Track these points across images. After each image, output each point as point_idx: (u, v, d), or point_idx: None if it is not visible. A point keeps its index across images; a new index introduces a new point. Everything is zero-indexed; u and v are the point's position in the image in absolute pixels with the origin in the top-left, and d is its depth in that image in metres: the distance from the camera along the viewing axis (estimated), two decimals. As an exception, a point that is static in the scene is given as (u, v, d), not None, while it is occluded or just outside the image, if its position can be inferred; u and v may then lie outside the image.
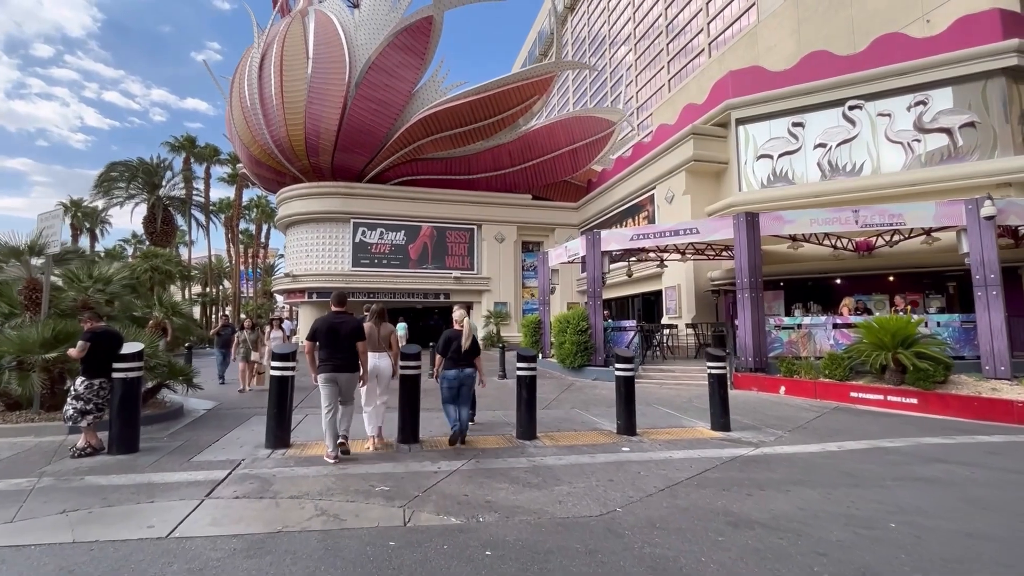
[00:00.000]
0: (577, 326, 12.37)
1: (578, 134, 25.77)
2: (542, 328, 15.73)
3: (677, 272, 16.60)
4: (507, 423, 7.32)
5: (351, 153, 22.87)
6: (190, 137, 34.18)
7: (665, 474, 4.88)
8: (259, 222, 47.12)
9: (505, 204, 24.98)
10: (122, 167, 26.03)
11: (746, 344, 10.75)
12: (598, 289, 12.69)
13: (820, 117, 14.82)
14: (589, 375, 12.22)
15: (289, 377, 5.64)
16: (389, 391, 5.98)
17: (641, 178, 19.79)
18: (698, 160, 16.36)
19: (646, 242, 12.16)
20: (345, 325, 5.19)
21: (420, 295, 23.99)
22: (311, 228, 23.64)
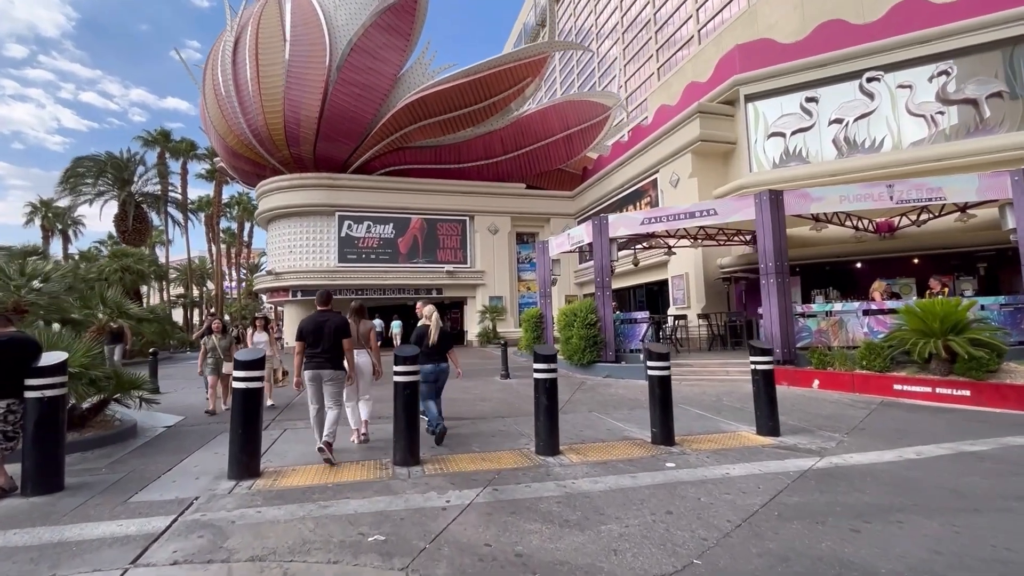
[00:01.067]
0: (585, 319, 11.36)
1: (572, 119, 24.72)
2: (544, 322, 14.71)
3: (685, 260, 15.68)
4: (520, 433, 6.29)
5: (334, 142, 21.59)
6: (164, 131, 32.51)
7: (732, 500, 3.89)
8: (241, 220, 45.48)
9: (498, 194, 23.88)
10: (89, 162, 24.43)
11: (772, 334, 9.83)
12: (606, 279, 11.69)
13: (835, 91, 13.93)
14: (599, 372, 11.23)
15: (256, 390, 4.56)
16: (370, 389, 6.04)
17: (642, 162, 18.81)
18: (705, 140, 15.40)
19: (658, 226, 11.17)
20: (329, 322, 5.21)
21: (411, 291, 22.85)
22: (294, 223, 22.35)
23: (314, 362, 5.13)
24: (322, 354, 5.12)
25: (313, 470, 4.72)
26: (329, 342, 5.13)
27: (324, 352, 5.12)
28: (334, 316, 5.31)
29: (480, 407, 7.97)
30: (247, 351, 4.76)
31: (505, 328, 22.95)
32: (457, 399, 8.70)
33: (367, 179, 22.50)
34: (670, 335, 13.34)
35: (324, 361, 5.14)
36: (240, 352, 4.67)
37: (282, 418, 7.28)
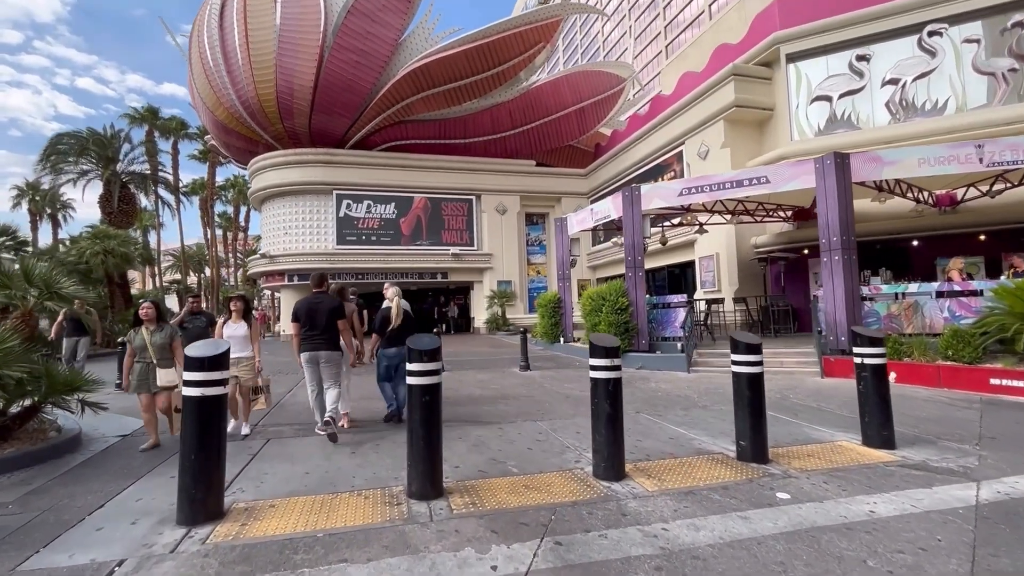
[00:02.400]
0: (615, 304, 10.05)
1: (585, 91, 23.13)
2: (563, 308, 13.41)
3: (716, 239, 14.32)
4: (563, 445, 5.04)
5: (331, 114, 20.07)
6: (152, 108, 30.92)
7: (916, 563, 2.62)
8: (237, 203, 43.98)
9: (506, 171, 22.40)
10: (70, 139, 22.91)
11: (836, 320, 8.52)
12: (639, 258, 10.35)
13: (891, 48, 12.43)
14: (631, 363, 9.96)
15: (216, 397, 3.26)
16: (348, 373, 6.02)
17: (665, 134, 17.34)
18: (740, 106, 13.93)
19: (699, 197, 9.78)
20: (324, 304, 5.25)
21: (415, 275, 21.52)
22: (289, 202, 20.93)
23: (311, 344, 5.16)
24: (318, 336, 5.17)
25: (299, 505, 3.45)
26: (324, 323, 5.18)
27: (320, 334, 5.18)
28: (328, 298, 5.34)
29: (503, 407, 6.70)
30: (203, 344, 3.43)
31: (515, 314, 21.68)
32: (475, 396, 7.44)
33: (367, 155, 21.03)
34: (703, 321, 12.05)
35: (321, 343, 5.18)
36: (192, 346, 3.35)
37: (268, 422, 6.01)
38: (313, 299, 5.30)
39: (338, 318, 5.27)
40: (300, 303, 5.31)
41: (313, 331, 5.16)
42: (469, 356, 12.82)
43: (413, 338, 3.85)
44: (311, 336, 5.17)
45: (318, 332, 5.17)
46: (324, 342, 5.19)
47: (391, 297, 6.06)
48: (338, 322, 5.27)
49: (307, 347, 5.17)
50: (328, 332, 5.21)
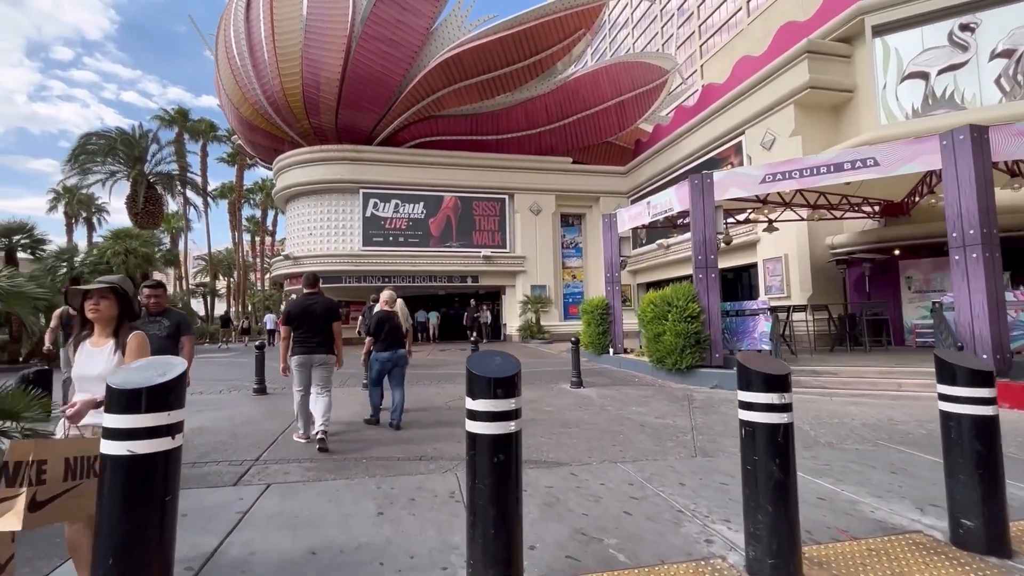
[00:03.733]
0: (684, 310, 8.52)
1: (625, 84, 21.66)
2: (612, 314, 11.92)
3: (784, 239, 12.62)
4: (674, 509, 3.54)
5: (358, 109, 19.13)
6: (182, 110, 30.79)
7: None
8: (265, 206, 43.84)
9: (541, 169, 21.06)
10: (99, 139, 22.65)
11: (975, 333, 6.82)
12: (711, 256, 8.83)
13: (1001, 14, 10.63)
14: (704, 380, 8.41)
15: (156, 457, 1.92)
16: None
17: (720, 125, 15.74)
18: (816, 87, 12.27)
19: (787, 184, 8.20)
20: (318, 306, 5.11)
21: (444, 278, 20.31)
22: (314, 201, 20.04)
23: (305, 347, 5.05)
24: (313, 338, 5.07)
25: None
26: (319, 326, 5.08)
27: (315, 336, 5.07)
28: (323, 300, 5.24)
29: (567, 439, 5.27)
30: (142, 366, 2.08)
31: (549, 321, 20.24)
32: (527, 421, 6.03)
33: (395, 151, 20.01)
34: (781, 332, 10.40)
35: (316, 345, 5.07)
36: (115, 374, 2.00)
37: (272, 456, 4.74)
38: (307, 300, 5.16)
39: (334, 320, 5.20)
40: (293, 305, 5.21)
41: (307, 334, 5.05)
42: (507, 368, 11.44)
43: (479, 358, 2.49)
44: (305, 339, 5.06)
45: (313, 334, 5.06)
46: (319, 345, 5.08)
47: (387, 300, 5.93)
48: (333, 325, 5.18)
49: (300, 350, 5.06)
50: (323, 335, 5.11)
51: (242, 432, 5.59)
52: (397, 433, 5.54)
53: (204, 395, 8.18)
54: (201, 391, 8.57)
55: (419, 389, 8.48)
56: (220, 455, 4.73)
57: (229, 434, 5.47)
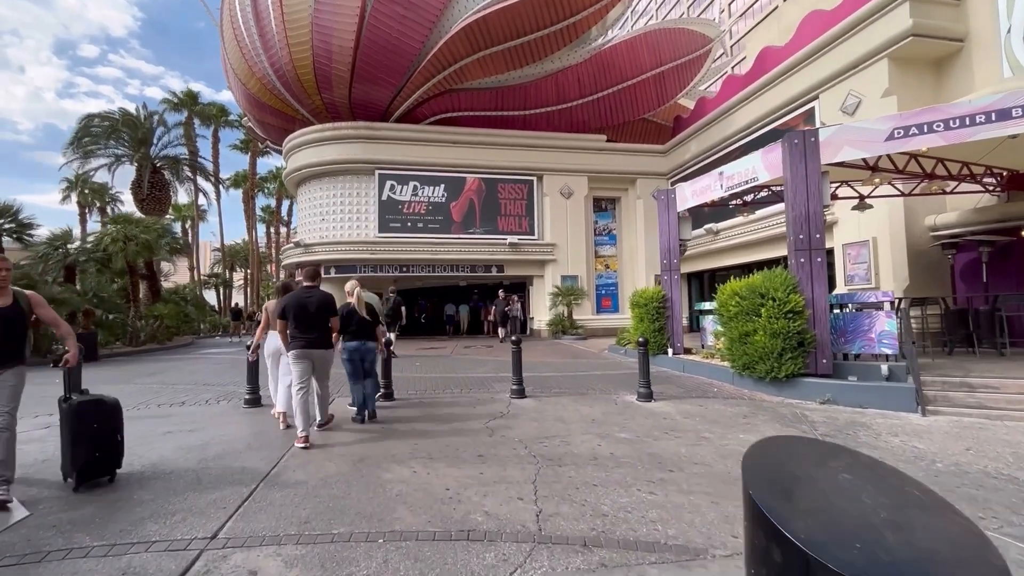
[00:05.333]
0: (784, 303, 6.69)
1: (667, 54, 19.59)
2: (670, 308, 10.12)
3: (871, 218, 10.62)
4: None
5: (373, 82, 17.46)
6: (191, 92, 29.52)
7: None
8: (279, 195, 42.63)
9: (573, 148, 19.17)
10: (102, 120, 21.40)
11: None
12: (817, 236, 6.97)
13: None
14: (809, 393, 6.59)
15: None
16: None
17: (785, 90, 13.69)
18: (920, 35, 10.18)
19: (925, 139, 6.26)
20: (316, 300, 5.05)
21: (466, 267, 18.64)
22: (326, 184, 18.49)
23: (303, 340, 4.94)
24: (310, 333, 4.96)
25: None
26: (316, 321, 5.00)
27: (312, 332, 4.98)
28: (319, 293, 5.13)
29: (675, 494, 3.54)
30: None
31: (582, 315, 18.47)
32: (601, 457, 4.18)
33: (413, 129, 18.32)
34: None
35: (313, 340, 4.98)
36: None
37: (238, 531, 3.08)
38: (304, 294, 5.07)
39: (331, 315, 5.13)
40: (290, 298, 5.06)
41: (303, 327, 4.95)
42: (547, 370, 9.73)
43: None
44: (302, 333, 4.95)
45: (310, 329, 4.98)
46: (316, 340, 5.02)
47: (349, 290, 5.76)
48: (331, 320, 5.13)
49: (297, 344, 4.95)
50: (320, 329, 5.05)
51: (211, 473, 3.98)
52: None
53: (186, 406, 6.64)
54: (184, 400, 7.04)
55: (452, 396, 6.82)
56: (160, 523, 3.10)
57: (190, 479, 3.85)
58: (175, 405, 6.71)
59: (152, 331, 17.41)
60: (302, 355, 4.94)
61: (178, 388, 8.11)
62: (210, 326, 25.78)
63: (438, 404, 6.67)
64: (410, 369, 10.14)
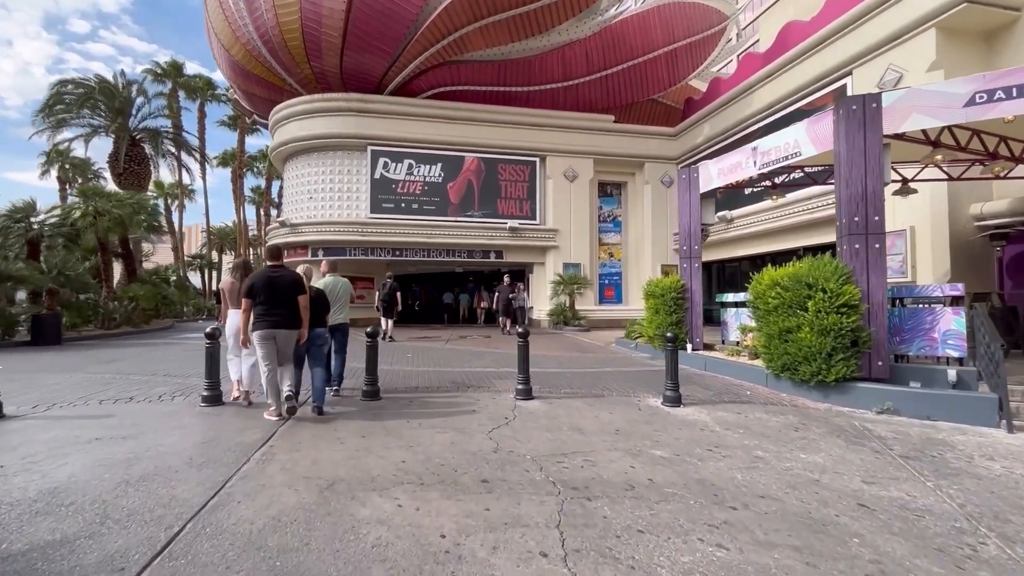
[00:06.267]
0: (836, 296, 5.74)
1: (680, 30, 18.45)
2: (689, 299, 9.17)
3: (908, 205, 9.69)
4: None
5: (366, 51, 16.23)
6: (176, 63, 27.99)
7: None
8: (270, 176, 41.19)
9: (579, 128, 18.08)
10: (76, 87, 19.97)
11: None
12: (876, 218, 6.01)
13: None
14: (862, 400, 5.68)
15: None
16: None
17: (814, 66, 12.66)
18: (974, 2, 9.15)
19: (1013, 105, 5.29)
20: (284, 279, 5.00)
21: (463, 253, 17.60)
22: (315, 160, 17.33)
23: (269, 320, 4.89)
24: (278, 312, 4.92)
25: None
26: (285, 300, 4.95)
27: (279, 311, 4.92)
28: (288, 273, 5.09)
29: (751, 549, 2.56)
30: None
31: (584, 305, 17.52)
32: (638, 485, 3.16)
33: (409, 102, 17.14)
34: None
35: (281, 319, 4.93)
36: None
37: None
38: (271, 272, 4.99)
39: (299, 293, 5.04)
40: (257, 277, 4.97)
41: (270, 307, 4.88)
42: (552, 365, 8.77)
43: None
44: (268, 312, 4.88)
45: (277, 308, 4.91)
46: (283, 318, 4.93)
47: (305, 272, 5.57)
48: (299, 298, 5.03)
49: (263, 324, 4.87)
50: (288, 308, 4.96)
51: (125, 505, 2.98)
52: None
53: (133, 403, 5.62)
54: (134, 395, 6.02)
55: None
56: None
57: (92, 516, 2.85)
58: (120, 401, 5.69)
59: (127, 314, 16.30)
60: (268, 335, 4.86)
61: (133, 379, 7.08)
62: (193, 309, 24.61)
63: (431, 405, 5.70)
64: (401, 361, 9.16)
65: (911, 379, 5.78)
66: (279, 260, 5.15)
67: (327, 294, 5.98)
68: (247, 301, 4.88)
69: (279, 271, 5.01)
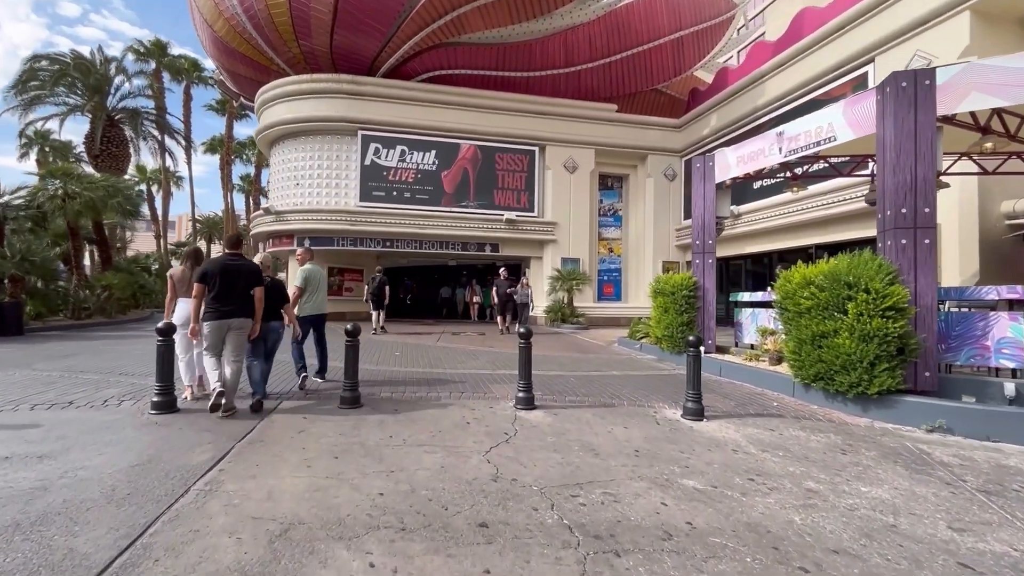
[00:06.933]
0: (882, 298, 5.06)
1: (687, 17, 17.71)
2: (702, 298, 8.48)
3: (939, 202, 9.00)
4: None
5: (358, 30, 15.34)
6: (160, 42, 26.83)
7: None
8: (259, 163, 40.04)
9: (581, 117, 17.33)
10: (52, 63, 18.86)
11: None
12: (927, 210, 5.34)
13: None
14: (909, 415, 5.01)
15: None
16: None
17: (831, 53, 11.99)
18: (1016, -21, 8.50)
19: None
20: (243, 269, 4.81)
21: (457, 245, 16.82)
22: (302, 145, 16.44)
23: (222, 310, 4.69)
24: (230, 302, 4.71)
25: None
26: (241, 291, 4.77)
27: (234, 301, 4.73)
28: (246, 262, 4.91)
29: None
30: None
31: (582, 302, 16.83)
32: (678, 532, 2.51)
33: (403, 86, 16.28)
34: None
35: (235, 309, 4.74)
36: None
37: None
38: (229, 260, 4.81)
39: (257, 284, 4.87)
40: (212, 264, 4.76)
41: (224, 297, 4.66)
42: (553, 367, 8.06)
43: None
44: (224, 301, 4.67)
45: (233, 298, 4.71)
46: (237, 309, 4.75)
47: (262, 261, 5.38)
48: (255, 290, 4.86)
49: (215, 314, 4.66)
50: (243, 299, 4.78)
51: (2, 567, 2.22)
52: None
53: (70, 409, 4.84)
54: (74, 399, 5.22)
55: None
56: None
57: (-55, 583, 2.09)
58: (56, 407, 4.90)
59: (99, 303, 15.38)
60: (220, 325, 4.67)
61: (83, 378, 6.27)
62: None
63: (419, 415, 4.96)
64: (388, 360, 8.41)
65: (963, 393, 5.12)
66: (238, 248, 4.97)
67: (310, 283, 6.04)
68: (200, 286, 4.64)
69: (237, 260, 4.82)
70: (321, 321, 6.32)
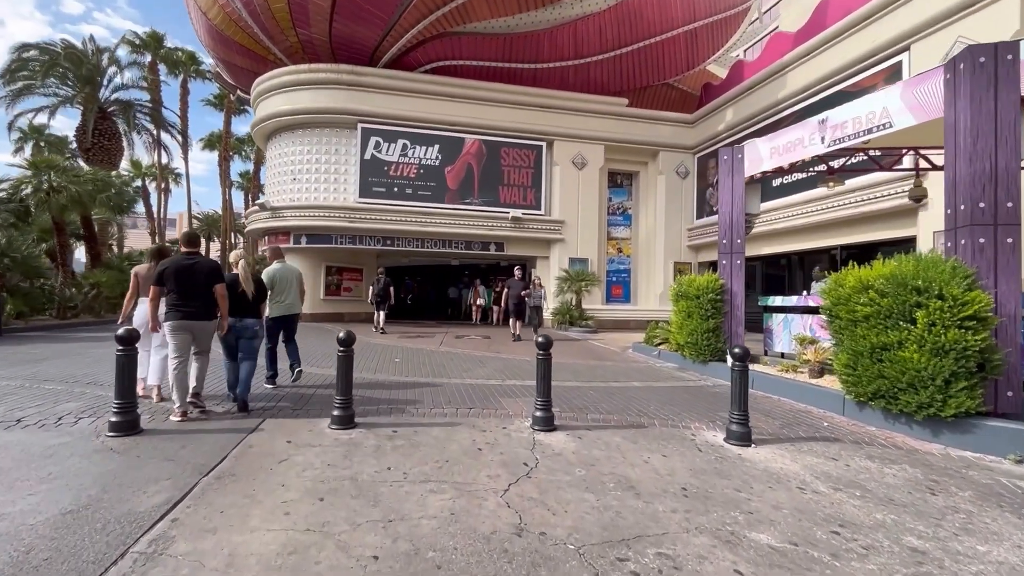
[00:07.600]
0: (961, 307, 4.36)
1: (702, 8, 17.01)
2: (730, 302, 7.78)
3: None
4: None
5: (358, 18, 14.66)
6: (156, 33, 26.15)
7: None
8: (258, 159, 39.39)
9: (590, 111, 16.63)
10: (42, 53, 18.19)
11: None
12: (1009, 204, 4.64)
13: None
14: (989, 442, 4.33)
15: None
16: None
17: (860, 43, 11.28)
18: (1074, -42, 7.79)
19: None
20: (200, 267, 4.59)
21: (461, 244, 16.13)
22: (299, 138, 15.76)
23: (183, 311, 4.50)
24: (191, 303, 4.52)
25: None
26: (201, 290, 4.57)
27: (195, 301, 4.54)
28: (205, 260, 4.69)
29: None
30: None
31: (590, 304, 16.14)
32: None
33: (405, 77, 15.59)
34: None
35: (196, 310, 4.56)
36: None
37: None
38: (185, 259, 4.59)
39: (217, 282, 4.67)
40: (169, 263, 4.55)
41: (183, 297, 4.48)
42: (568, 376, 7.36)
43: None
44: (184, 302, 4.49)
45: (193, 298, 4.52)
46: (199, 309, 4.56)
47: (234, 260, 5.28)
48: (216, 287, 4.65)
49: (176, 315, 4.48)
50: (204, 299, 4.59)
51: None
52: None
53: (19, 427, 4.16)
54: (25, 415, 4.54)
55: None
56: None
57: None
58: (0, 426, 4.21)
59: (87, 302, 14.71)
60: (181, 327, 4.51)
61: (43, 389, 5.59)
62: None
63: (421, 436, 4.27)
64: (387, 368, 7.72)
65: (1055, 416, 4.42)
66: (195, 247, 4.81)
67: (276, 283, 5.90)
68: (155, 289, 4.54)
69: (193, 258, 4.62)
70: (292, 321, 6.19)
